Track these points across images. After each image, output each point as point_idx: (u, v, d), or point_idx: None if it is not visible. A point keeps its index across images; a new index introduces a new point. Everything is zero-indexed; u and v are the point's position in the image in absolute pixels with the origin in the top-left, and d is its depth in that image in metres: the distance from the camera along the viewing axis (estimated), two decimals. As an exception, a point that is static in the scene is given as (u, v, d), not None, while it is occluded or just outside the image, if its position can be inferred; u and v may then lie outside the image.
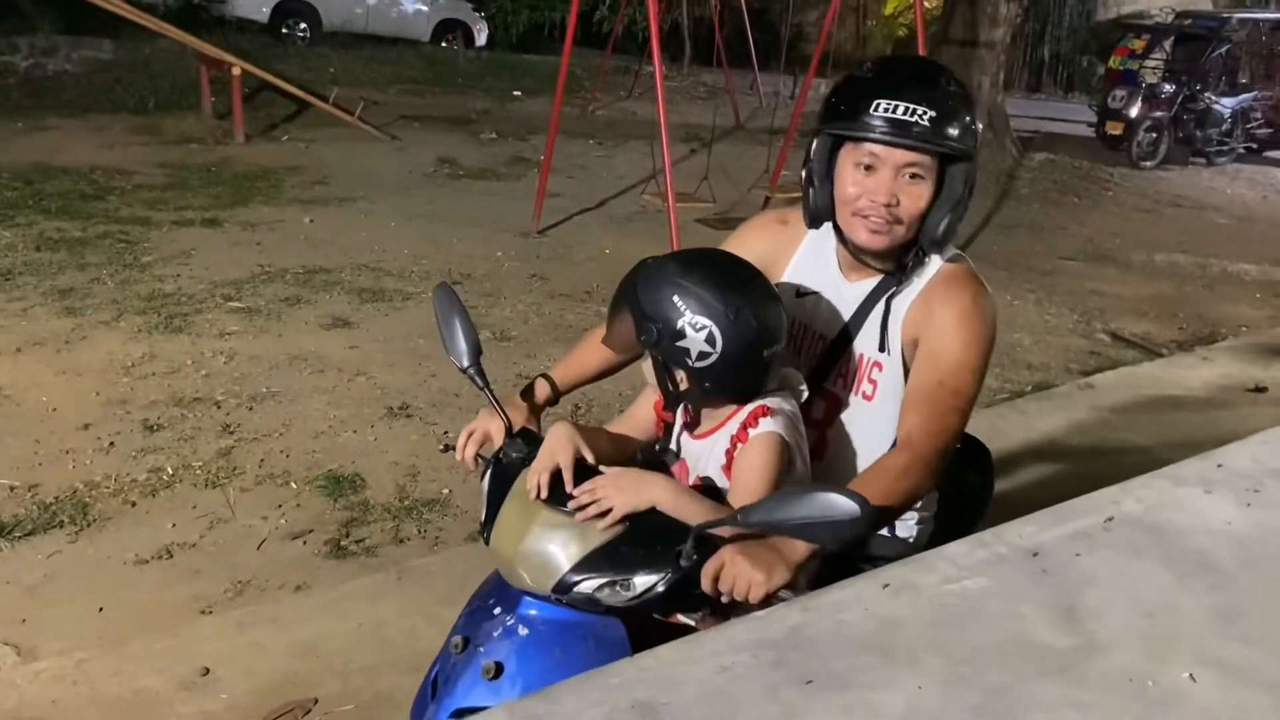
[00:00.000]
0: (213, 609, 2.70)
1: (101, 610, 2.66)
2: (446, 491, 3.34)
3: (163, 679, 2.37)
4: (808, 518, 1.23)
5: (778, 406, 1.52)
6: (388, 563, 2.94)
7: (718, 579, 1.32)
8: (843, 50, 12.89)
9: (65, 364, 4.12)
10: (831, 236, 1.66)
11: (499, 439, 1.65)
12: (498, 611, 1.48)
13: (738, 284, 1.48)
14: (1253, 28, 13.25)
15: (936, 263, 1.62)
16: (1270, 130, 12.81)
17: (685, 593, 1.36)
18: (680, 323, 1.44)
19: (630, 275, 1.51)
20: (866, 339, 1.65)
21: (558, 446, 1.49)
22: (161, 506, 3.17)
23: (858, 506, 1.21)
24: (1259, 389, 4.76)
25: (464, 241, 6.39)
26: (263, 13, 14.23)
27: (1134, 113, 11.34)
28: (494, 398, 1.65)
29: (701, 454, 1.58)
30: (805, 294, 1.70)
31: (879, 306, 1.63)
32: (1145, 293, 6.62)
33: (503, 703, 1.34)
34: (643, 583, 1.36)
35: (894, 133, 1.47)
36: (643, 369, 1.57)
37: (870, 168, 1.52)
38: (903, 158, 1.50)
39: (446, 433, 3.68)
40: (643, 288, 1.47)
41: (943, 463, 1.51)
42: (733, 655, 1.08)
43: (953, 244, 1.63)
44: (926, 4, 9.82)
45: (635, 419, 1.75)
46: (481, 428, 1.67)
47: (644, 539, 1.39)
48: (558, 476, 1.47)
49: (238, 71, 8.89)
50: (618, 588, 1.37)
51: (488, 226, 6.76)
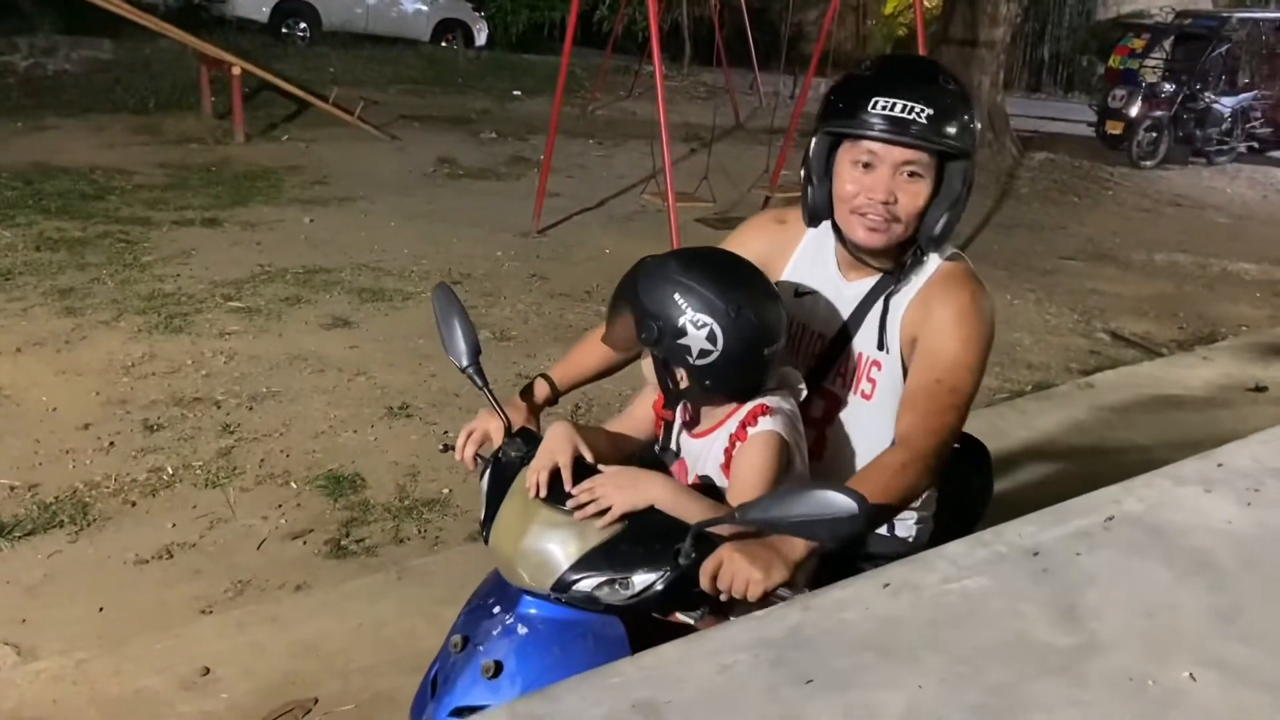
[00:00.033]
0: (213, 609, 2.70)
1: (101, 610, 2.66)
2: (446, 491, 3.34)
3: (163, 679, 2.37)
4: (805, 515, 1.23)
5: (777, 405, 1.52)
6: (388, 562, 2.94)
7: (716, 577, 1.32)
8: (842, 50, 12.89)
9: (65, 364, 4.12)
10: (830, 236, 1.67)
11: (498, 439, 1.65)
12: (497, 610, 1.48)
13: (738, 282, 1.48)
14: (1253, 27, 13.26)
15: (935, 261, 1.62)
16: (1270, 129, 12.81)
17: (684, 591, 1.36)
18: (681, 320, 1.44)
19: (630, 273, 1.51)
20: (865, 338, 1.65)
21: (556, 445, 1.49)
22: (161, 506, 3.17)
23: (855, 504, 1.21)
24: (1259, 388, 4.77)
25: (464, 241, 6.39)
26: (262, 12, 14.24)
27: (1134, 112, 11.35)
28: (493, 397, 1.66)
29: (700, 453, 1.59)
30: (804, 293, 1.70)
31: (877, 305, 1.63)
32: (1145, 292, 6.62)
33: (503, 702, 1.34)
34: (641, 581, 1.36)
35: (892, 130, 1.48)
36: (642, 367, 1.57)
37: (868, 166, 1.52)
38: (901, 155, 1.50)
39: (446, 432, 3.68)
40: (643, 286, 1.47)
41: (940, 461, 1.51)
42: (733, 654, 1.08)
43: (951, 243, 1.64)
44: (926, 3, 9.82)
45: (634, 418, 1.75)
46: (481, 427, 1.67)
47: (643, 537, 1.39)
48: (556, 475, 1.47)
49: (238, 71, 8.89)
50: (616, 586, 1.37)
51: (487, 226, 6.76)
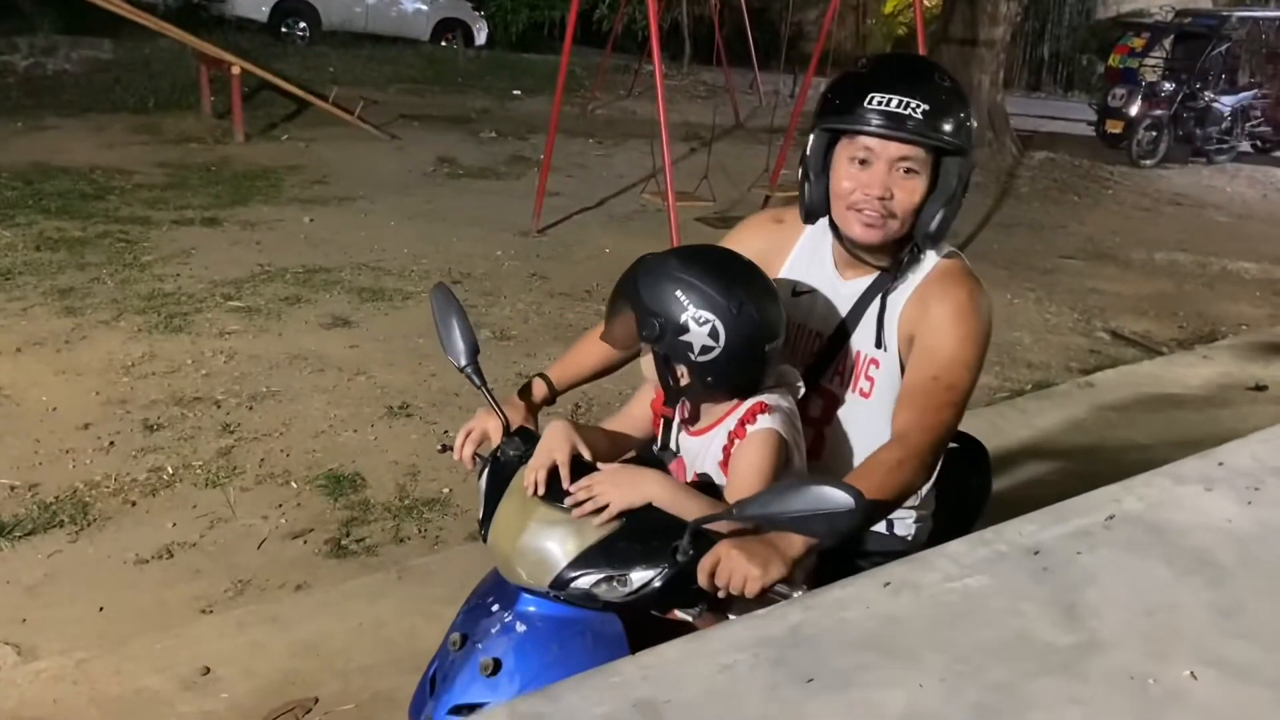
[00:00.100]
0: (213, 608, 2.70)
1: (102, 610, 2.66)
2: (447, 491, 3.34)
3: (163, 678, 2.37)
4: (802, 511, 1.24)
5: (775, 403, 1.52)
6: (388, 562, 2.94)
7: (714, 574, 1.32)
8: (842, 49, 12.88)
9: (65, 363, 4.12)
10: (828, 235, 1.67)
11: (497, 438, 1.65)
12: (496, 608, 1.48)
13: (739, 278, 1.48)
14: (1252, 26, 13.26)
15: (932, 259, 1.63)
16: (1270, 128, 12.81)
17: (682, 588, 1.36)
18: (683, 317, 1.44)
19: (630, 271, 1.51)
20: (863, 336, 1.65)
21: (555, 443, 1.49)
22: (162, 506, 3.17)
23: (852, 499, 1.22)
24: (1259, 387, 4.77)
25: (464, 241, 6.39)
26: (262, 12, 14.23)
27: (1134, 111, 11.35)
28: (491, 397, 1.66)
29: (699, 450, 1.59)
30: (802, 292, 1.70)
31: (875, 303, 1.63)
32: (1145, 291, 6.62)
33: (501, 699, 1.35)
34: (640, 578, 1.37)
35: (888, 125, 1.48)
36: (641, 365, 1.57)
37: (865, 162, 1.53)
38: (897, 151, 1.51)
39: (446, 432, 3.68)
40: (644, 283, 1.47)
41: (936, 457, 1.52)
42: (734, 654, 1.08)
43: (949, 241, 1.64)
44: (926, 2, 9.82)
45: (632, 416, 1.75)
46: (479, 427, 1.67)
47: (641, 535, 1.40)
48: (555, 473, 1.47)
49: (237, 71, 8.89)
50: (615, 583, 1.38)
51: (487, 225, 6.76)
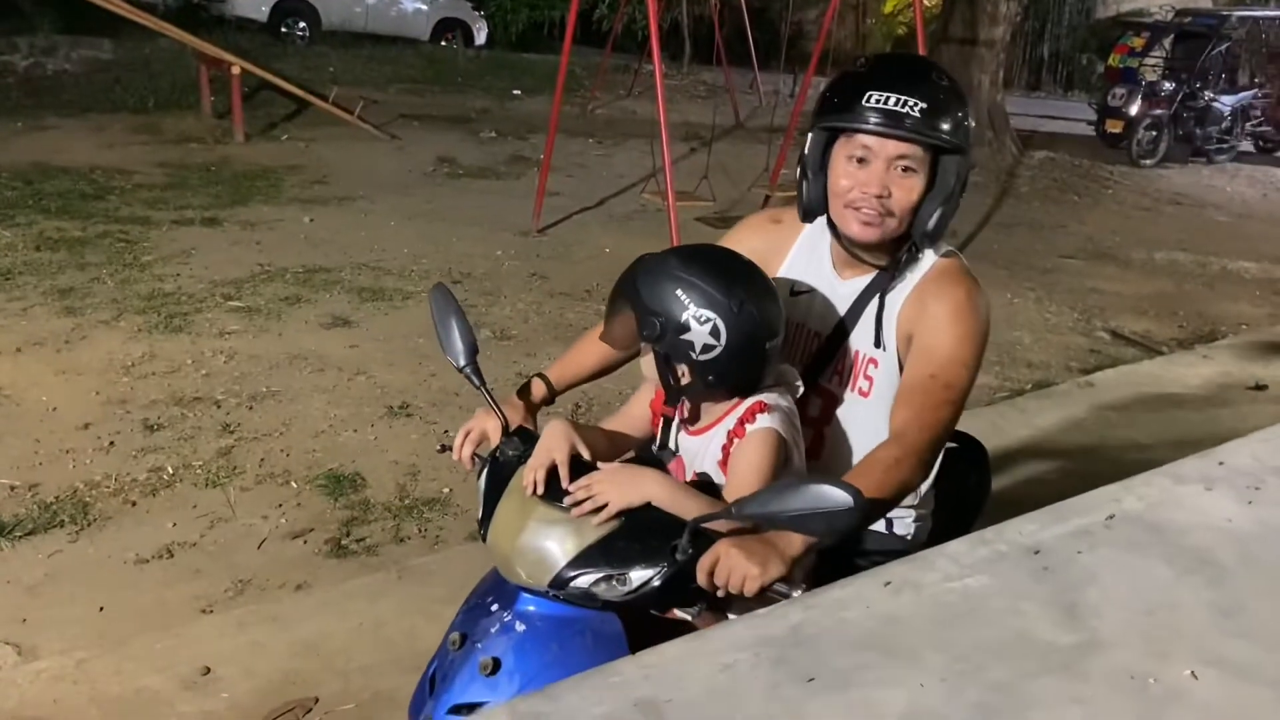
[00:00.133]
0: (213, 608, 2.70)
1: (102, 610, 2.66)
2: (447, 490, 3.34)
3: (163, 678, 2.37)
4: (801, 510, 1.24)
5: (774, 403, 1.52)
6: (388, 562, 2.94)
7: (713, 573, 1.32)
8: (842, 49, 12.87)
9: (65, 363, 4.12)
10: (825, 234, 1.68)
11: (496, 438, 1.65)
12: (495, 608, 1.48)
13: (739, 277, 1.49)
14: (1252, 25, 13.26)
15: (930, 258, 1.63)
16: (1272, 128, 12.81)
17: (681, 587, 1.36)
18: (684, 316, 1.44)
19: (629, 271, 1.51)
20: (862, 335, 1.66)
21: (554, 443, 1.50)
22: (162, 506, 3.17)
23: (851, 498, 1.22)
24: (1259, 387, 4.77)
25: (464, 240, 6.39)
26: (262, 12, 14.23)
27: (1134, 111, 11.35)
28: (490, 397, 1.66)
29: (698, 450, 1.59)
30: (800, 292, 1.70)
31: (873, 303, 1.64)
32: (1145, 291, 6.62)
33: (501, 699, 1.35)
34: (639, 577, 1.37)
35: (885, 123, 1.49)
36: (641, 365, 1.57)
37: (863, 160, 1.53)
38: (895, 149, 1.51)
39: (446, 432, 3.68)
40: (644, 283, 1.47)
41: (933, 456, 1.52)
42: (734, 653, 1.08)
43: (946, 240, 1.64)
44: (926, 2, 9.82)
45: (630, 416, 1.75)
46: (478, 427, 1.67)
47: (640, 534, 1.40)
48: (554, 473, 1.47)
49: (237, 71, 8.89)
50: (614, 582, 1.38)
51: (487, 225, 6.76)
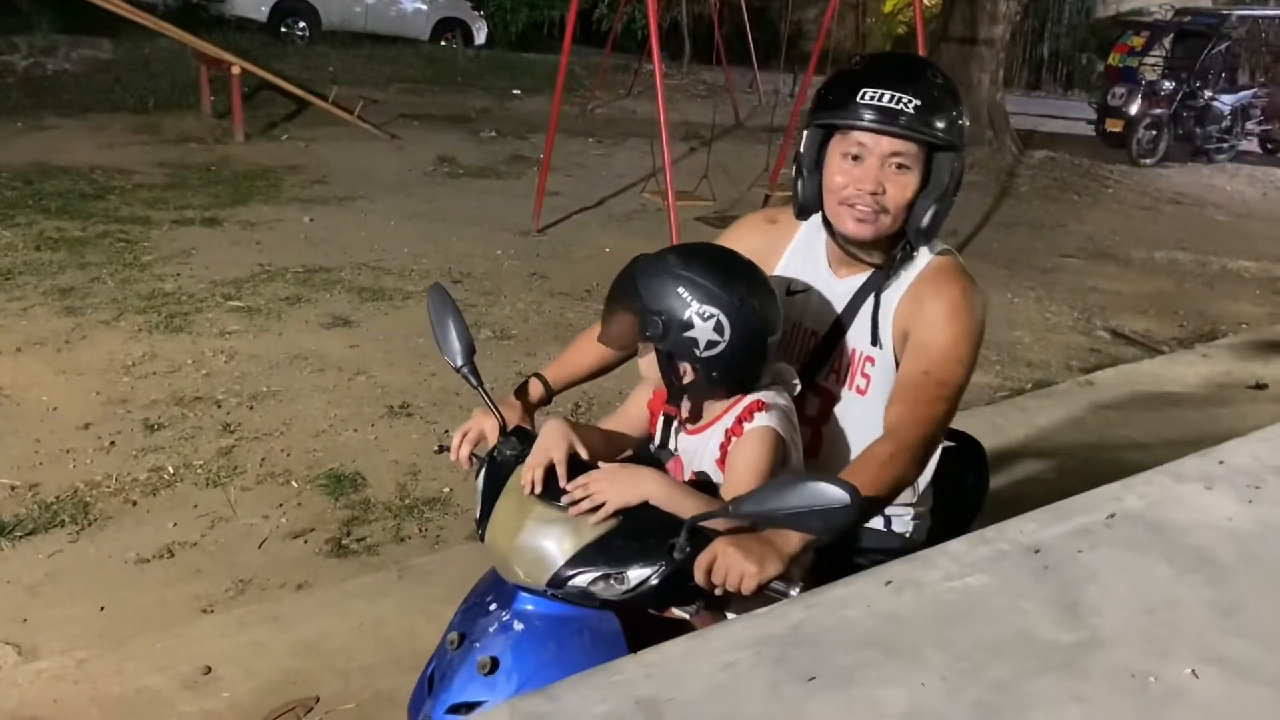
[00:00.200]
0: (214, 608, 2.70)
1: (103, 609, 2.66)
2: (447, 490, 3.34)
3: (164, 678, 2.37)
4: (798, 507, 1.24)
5: (772, 401, 1.53)
6: (389, 561, 2.94)
7: (711, 571, 1.32)
8: (842, 48, 12.87)
9: (65, 363, 4.12)
10: (821, 233, 1.69)
11: (493, 438, 1.66)
12: (493, 607, 1.48)
13: (739, 273, 1.50)
14: (1252, 25, 13.27)
15: (925, 256, 1.64)
16: (1271, 127, 12.81)
17: (679, 586, 1.36)
18: (687, 313, 1.45)
19: (627, 272, 1.51)
20: (858, 333, 1.66)
21: (552, 442, 1.50)
22: (162, 506, 3.17)
23: (847, 495, 1.22)
24: (1259, 386, 4.77)
25: (464, 240, 6.39)
26: (261, 12, 14.22)
27: (1134, 110, 11.35)
28: (488, 397, 1.67)
29: (696, 449, 1.59)
30: (796, 290, 1.71)
31: (869, 301, 1.64)
32: (1145, 290, 6.62)
33: (499, 698, 1.35)
34: (637, 576, 1.37)
35: (880, 120, 1.50)
36: (640, 365, 1.58)
37: (857, 158, 1.54)
38: (889, 146, 1.52)
39: (446, 431, 3.66)
40: (644, 282, 1.47)
41: (928, 451, 1.53)
42: (735, 652, 1.08)
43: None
44: (926, 1, 9.82)
45: (628, 415, 1.75)
46: (476, 427, 1.68)
47: (637, 533, 1.40)
48: (552, 472, 1.48)
49: (237, 71, 8.88)
50: (612, 581, 1.38)
51: (487, 225, 6.76)
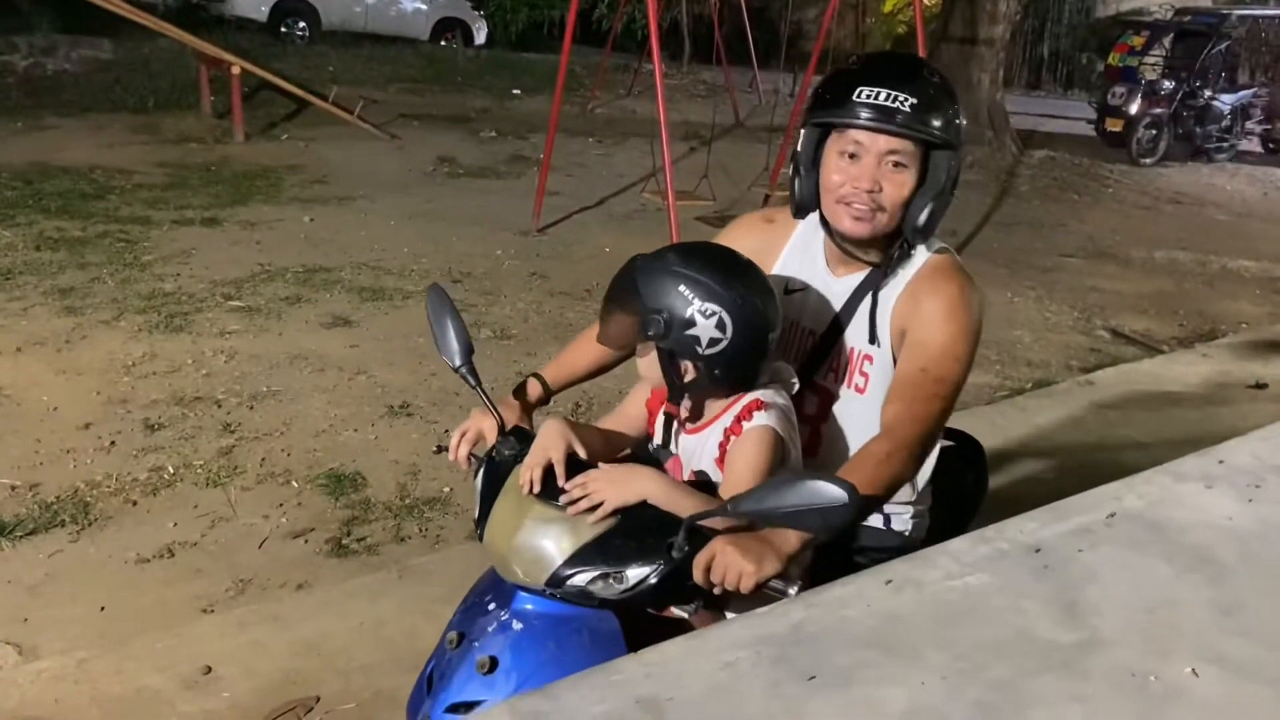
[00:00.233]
0: (214, 608, 2.70)
1: (103, 609, 2.66)
2: (447, 490, 3.34)
3: (164, 678, 2.38)
4: (796, 506, 1.24)
5: (771, 400, 1.53)
6: (389, 561, 2.94)
7: (709, 570, 1.32)
8: (842, 48, 12.87)
9: (66, 363, 4.12)
10: (818, 232, 1.69)
11: (491, 437, 1.66)
12: (492, 607, 1.48)
13: (738, 270, 1.50)
14: (1252, 24, 13.27)
15: (923, 255, 1.64)
16: (1271, 127, 12.82)
17: (678, 585, 1.37)
18: (689, 311, 1.45)
19: (625, 271, 1.51)
20: (856, 332, 1.66)
21: (550, 442, 1.50)
22: (163, 505, 3.17)
23: (845, 493, 1.22)
24: (1259, 385, 4.77)
25: (464, 240, 6.39)
26: (261, 11, 14.22)
27: (1134, 110, 11.36)
28: (486, 396, 1.67)
29: (695, 448, 1.59)
30: (794, 290, 1.71)
31: (867, 299, 1.65)
32: (1145, 289, 6.62)
33: (498, 698, 1.35)
34: (635, 575, 1.37)
35: (876, 118, 1.50)
36: (639, 365, 1.58)
37: (854, 156, 1.55)
38: (885, 144, 1.52)
39: (446, 431, 3.66)
40: (644, 281, 1.48)
41: (924, 449, 1.53)
42: (735, 651, 1.08)
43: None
44: (925, 1, 9.82)
45: (626, 415, 1.75)
46: (474, 427, 1.68)
47: (636, 532, 1.40)
48: (550, 472, 1.48)
49: (237, 70, 8.88)
50: (610, 580, 1.38)
51: (487, 225, 6.76)
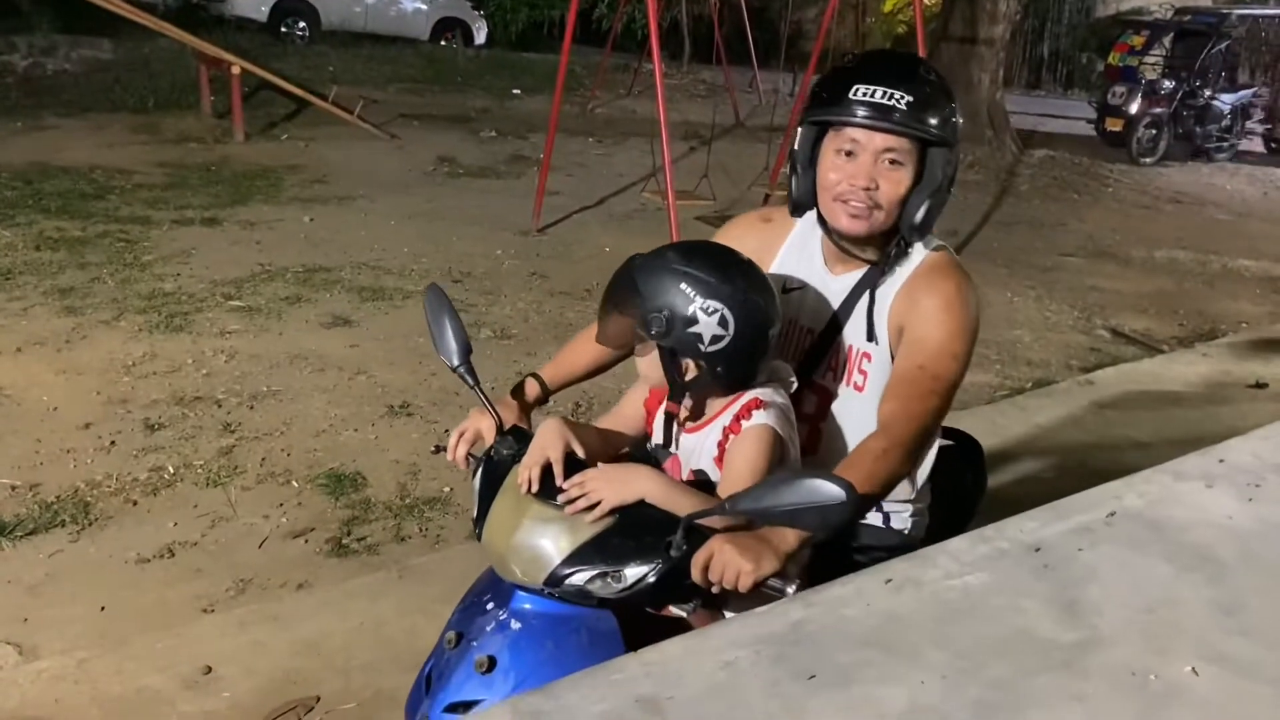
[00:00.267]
0: (214, 607, 2.70)
1: (103, 609, 2.66)
2: (447, 489, 3.34)
3: (165, 678, 2.38)
4: (795, 504, 1.25)
5: (770, 399, 1.53)
6: (389, 561, 2.94)
7: (707, 569, 1.32)
8: (842, 48, 12.87)
9: (66, 363, 4.12)
10: (816, 231, 1.69)
11: (490, 437, 1.66)
12: (490, 606, 1.48)
13: (739, 268, 1.51)
14: (1252, 24, 13.27)
15: (920, 252, 1.65)
16: (1271, 126, 12.82)
17: (676, 584, 1.37)
18: (691, 309, 1.45)
19: (624, 271, 1.51)
20: (855, 330, 1.67)
21: (548, 441, 1.50)
22: (163, 505, 3.17)
23: (843, 491, 1.23)
24: (1259, 385, 4.77)
25: (464, 240, 6.39)
26: (261, 11, 14.22)
27: (1134, 109, 11.36)
28: (484, 396, 1.67)
29: (694, 448, 1.59)
30: (791, 289, 1.72)
31: (865, 297, 1.65)
32: (1145, 289, 6.62)
33: (498, 698, 1.35)
34: (633, 574, 1.37)
35: (873, 116, 1.51)
36: (638, 365, 1.57)
37: (851, 154, 1.55)
38: (882, 142, 1.52)
39: (446, 431, 3.66)
40: (644, 280, 1.47)
41: (921, 446, 1.53)
42: (735, 650, 1.08)
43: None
44: (925, 1, 9.81)
45: (624, 414, 1.75)
46: (472, 427, 1.68)
47: (634, 531, 1.40)
48: (548, 471, 1.48)
49: (237, 70, 8.88)
50: (609, 579, 1.38)
51: (487, 225, 6.76)
